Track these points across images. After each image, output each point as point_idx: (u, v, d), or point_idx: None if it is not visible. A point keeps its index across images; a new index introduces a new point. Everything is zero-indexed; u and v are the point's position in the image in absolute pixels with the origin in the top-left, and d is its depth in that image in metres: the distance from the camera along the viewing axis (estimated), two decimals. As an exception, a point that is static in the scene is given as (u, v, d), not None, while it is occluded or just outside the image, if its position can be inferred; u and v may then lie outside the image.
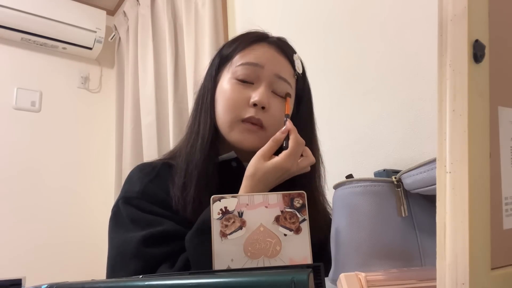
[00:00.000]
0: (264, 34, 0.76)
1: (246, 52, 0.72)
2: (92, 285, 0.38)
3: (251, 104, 0.69)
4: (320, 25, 1.29)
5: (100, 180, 2.43)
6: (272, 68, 0.71)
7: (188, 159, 0.70)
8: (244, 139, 0.70)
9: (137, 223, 0.65)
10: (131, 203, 0.67)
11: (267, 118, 0.70)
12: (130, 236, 0.63)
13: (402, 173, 0.55)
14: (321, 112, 1.27)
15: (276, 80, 0.71)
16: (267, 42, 0.74)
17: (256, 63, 0.70)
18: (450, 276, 0.26)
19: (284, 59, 0.74)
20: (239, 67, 0.71)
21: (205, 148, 0.70)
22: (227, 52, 0.75)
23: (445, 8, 0.29)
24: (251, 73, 0.70)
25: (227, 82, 0.72)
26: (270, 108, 0.70)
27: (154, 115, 1.96)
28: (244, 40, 0.74)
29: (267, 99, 0.70)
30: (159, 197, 0.68)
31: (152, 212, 0.66)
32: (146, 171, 0.73)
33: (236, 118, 0.70)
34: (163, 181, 0.70)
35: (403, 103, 1.00)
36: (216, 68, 0.76)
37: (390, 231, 0.54)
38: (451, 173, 0.27)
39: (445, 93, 0.28)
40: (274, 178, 0.63)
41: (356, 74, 1.15)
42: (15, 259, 2.06)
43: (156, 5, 2.11)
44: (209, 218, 0.58)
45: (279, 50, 0.73)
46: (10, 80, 2.27)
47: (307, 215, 0.51)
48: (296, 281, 0.31)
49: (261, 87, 0.70)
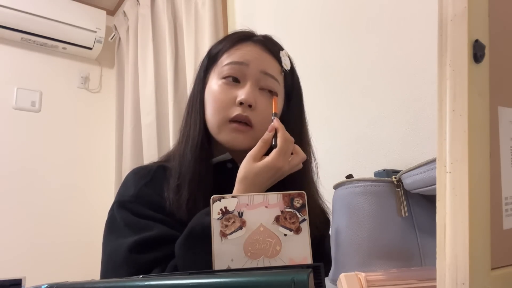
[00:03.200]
0: (249, 33, 0.76)
1: (232, 52, 0.72)
2: (92, 285, 0.38)
3: (237, 103, 0.69)
4: (320, 25, 1.29)
5: (100, 180, 2.43)
6: (257, 65, 0.71)
7: (181, 162, 0.70)
8: (233, 139, 0.70)
9: (130, 227, 0.65)
10: (125, 207, 0.68)
11: (255, 116, 0.69)
12: (121, 242, 0.63)
13: (402, 173, 0.55)
14: (321, 112, 1.27)
15: (262, 76, 0.71)
16: (252, 41, 0.74)
17: (241, 61, 0.70)
18: (450, 276, 0.26)
19: (269, 56, 0.73)
20: (225, 67, 0.71)
21: (196, 150, 0.70)
22: (213, 53, 0.76)
23: (445, 8, 0.29)
24: (237, 72, 0.70)
25: (214, 83, 0.72)
26: (257, 106, 0.70)
27: (154, 115, 1.96)
28: (229, 40, 0.75)
29: (254, 97, 0.69)
30: (153, 200, 0.68)
31: (145, 215, 0.66)
32: (141, 175, 0.73)
33: (224, 119, 0.70)
34: (158, 184, 0.70)
35: (403, 103, 1.00)
36: (205, 69, 0.77)
37: (390, 231, 0.54)
38: (451, 173, 0.27)
39: (445, 93, 0.28)
40: (266, 179, 0.62)
41: (356, 74, 1.15)
42: (15, 259, 2.06)
43: (156, 5, 2.11)
44: (198, 224, 0.59)
45: (264, 48, 0.73)
46: (10, 80, 2.27)
47: (307, 215, 0.51)
48: (296, 281, 0.31)
49: (247, 85, 0.70)
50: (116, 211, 0.68)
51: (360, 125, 1.12)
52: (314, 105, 1.26)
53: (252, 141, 0.67)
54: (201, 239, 0.56)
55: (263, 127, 0.67)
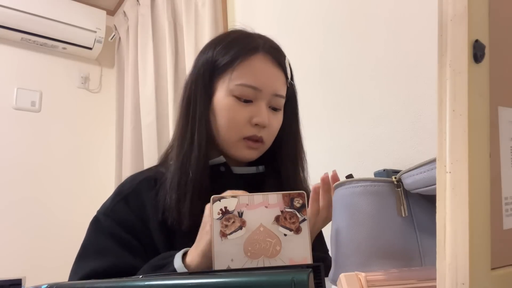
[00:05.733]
0: (256, 43, 0.74)
1: (245, 68, 0.71)
2: (92, 285, 0.38)
3: (253, 123, 0.71)
4: (320, 25, 1.29)
5: (100, 180, 2.43)
6: (270, 88, 0.72)
7: (182, 171, 0.69)
8: (246, 155, 0.74)
9: (87, 249, 0.67)
10: (97, 220, 0.69)
11: (267, 134, 0.73)
12: (77, 267, 0.65)
13: (402, 173, 0.55)
14: (321, 112, 1.27)
15: (273, 98, 0.73)
16: (262, 53, 0.72)
17: (255, 86, 0.70)
18: (450, 276, 0.26)
19: (278, 70, 0.74)
20: (238, 87, 0.70)
21: (201, 160, 0.69)
22: (221, 61, 0.73)
23: (445, 8, 0.29)
24: (250, 94, 0.71)
25: (224, 96, 0.71)
26: (269, 125, 0.73)
27: (154, 115, 1.96)
28: (240, 49, 0.72)
29: (268, 119, 0.72)
30: (124, 219, 0.68)
31: (111, 234, 0.66)
32: (123, 187, 0.73)
33: (238, 137, 0.72)
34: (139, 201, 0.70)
35: (403, 103, 1.01)
36: (209, 75, 0.74)
37: (390, 231, 0.54)
38: (451, 173, 0.27)
39: (445, 93, 0.28)
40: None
41: (356, 74, 1.15)
42: (15, 259, 2.06)
43: (156, 5, 2.11)
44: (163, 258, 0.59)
45: (273, 60, 0.73)
46: (10, 80, 2.27)
47: (307, 215, 0.51)
48: (296, 281, 0.31)
49: (261, 107, 0.71)
50: (90, 225, 0.70)
51: (360, 125, 1.12)
52: (315, 105, 1.26)
53: (260, 154, 0.75)
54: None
55: (271, 142, 0.75)
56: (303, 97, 0.84)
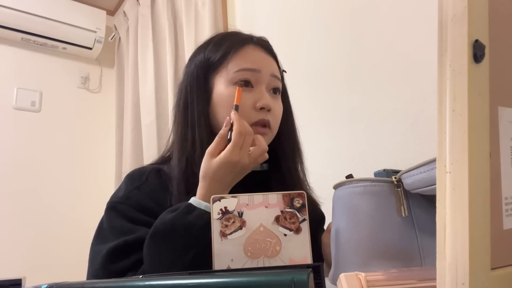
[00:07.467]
0: (248, 36, 0.78)
1: (239, 58, 0.72)
2: (92, 285, 0.38)
3: (257, 108, 0.70)
4: (320, 25, 1.29)
5: (100, 180, 2.43)
6: (267, 69, 0.73)
7: (186, 168, 0.69)
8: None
9: (113, 231, 0.66)
10: (113, 208, 0.69)
11: (272, 119, 0.73)
12: (100, 248, 0.64)
13: (402, 173, 0.55)
14: (321, 112, 1.27)
15: (272, 79, 0.74)
16: (253, 44, 0.75)
17: (253, 68, 0.72)
18: (450, 276, 0.26)
19: (271, 58, 0.77)
20: (237, 74, 0.71)
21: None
22: (215, 58, 0.74)
23: (445, 8, 0.29)
24: (250, 77, 0.72)
25: (225, 88, 0.71)
26: (273, 109, 0.73)
27: (154, 115, 1.96)
28: (231, 43, 0.74)
29: (272, 102, 0.72)
30: (142, 203, 0.68)
31: (131, 218, 0.66)
32: (133, 178, 0.73)
33: None
34: (151, 188, 0.70)
35: (403, 103, 1.01)
36: (204, 74, 0.75)
37: (390, 231, 0.54)
38: (451, 173, 0.27)
39: (445, 93, 0.28)
40: (226, 174, 0.62)
41: (356, 74, 1.15)
42: (15, 259, 2.06)
43: (156, 5, 2.11)
44: (161, 222, 0.59)
45: (266, 51, 0.76)
46: (10, 80, 2.27)
47: (307, 215, 0.51)
48: (296, 281, 0.31)
49: (262, 90, 0.72)
50: (105, 214, 0.70)
51: (360, 125, 1.12)
52: (315, 105, 1.26)
53: (268, 141, 0.72)
54: (164, 236, 0.57)
55: (277, 128, 0.74)
56: (303, 97, 0.85)
